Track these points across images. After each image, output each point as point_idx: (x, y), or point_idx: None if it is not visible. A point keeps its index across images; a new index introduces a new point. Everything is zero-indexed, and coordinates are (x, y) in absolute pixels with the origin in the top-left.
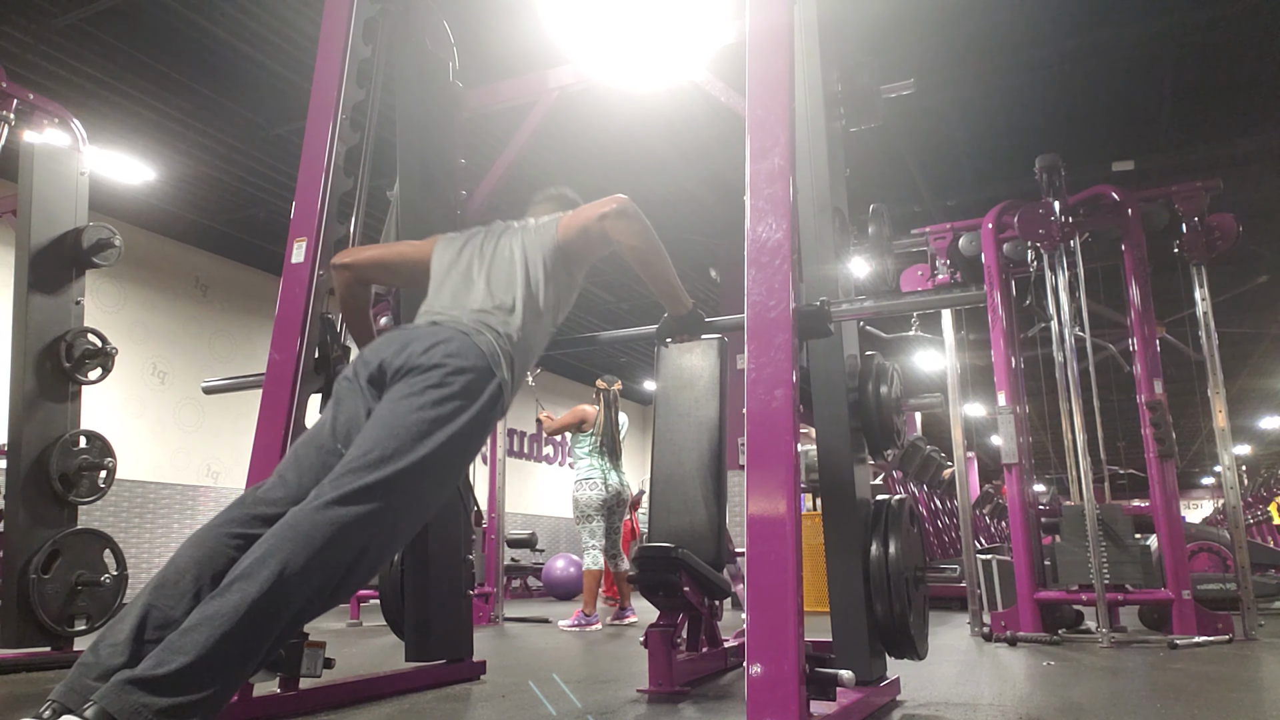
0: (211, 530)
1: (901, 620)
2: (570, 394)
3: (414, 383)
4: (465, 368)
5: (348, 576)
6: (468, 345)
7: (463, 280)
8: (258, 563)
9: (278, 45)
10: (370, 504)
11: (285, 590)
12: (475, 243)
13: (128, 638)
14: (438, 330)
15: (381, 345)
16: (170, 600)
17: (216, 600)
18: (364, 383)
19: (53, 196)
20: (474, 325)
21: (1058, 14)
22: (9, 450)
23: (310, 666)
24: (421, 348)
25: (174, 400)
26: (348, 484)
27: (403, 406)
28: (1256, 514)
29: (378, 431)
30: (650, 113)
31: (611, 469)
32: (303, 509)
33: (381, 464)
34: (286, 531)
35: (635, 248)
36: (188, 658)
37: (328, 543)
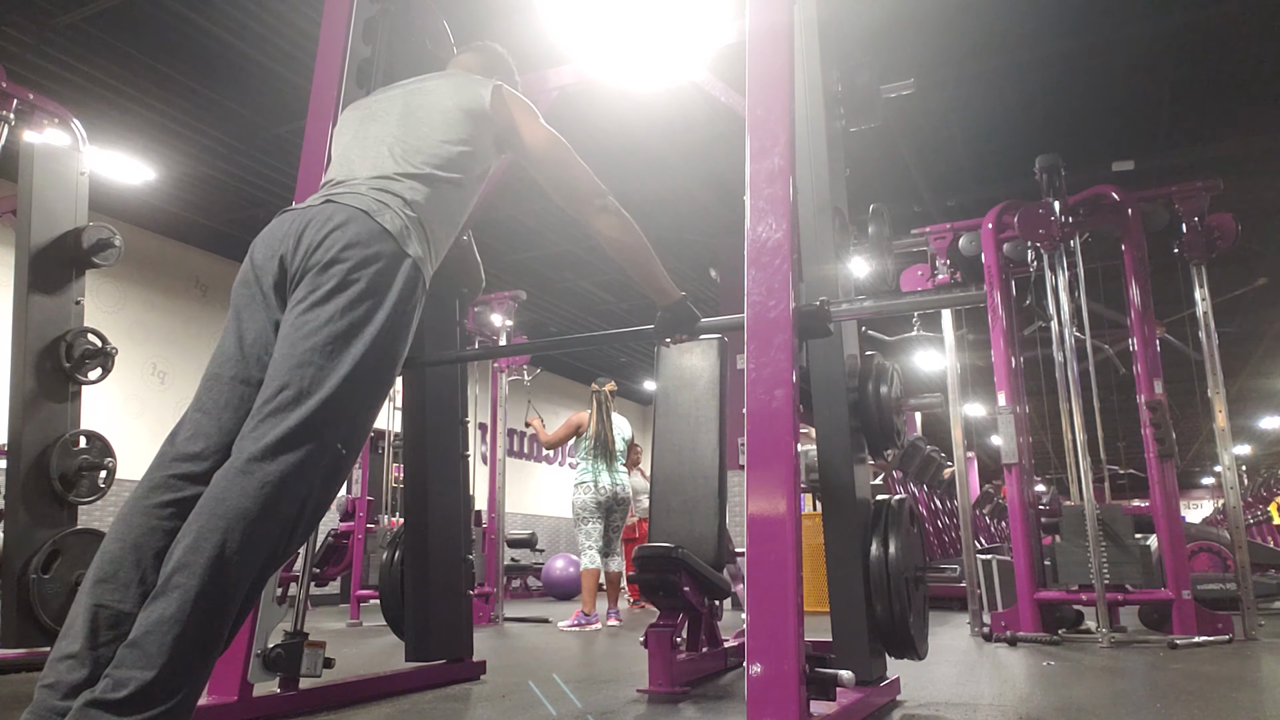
0: (138, 505)
1: (901, 620)
2: (570, 394)
3: (315, 284)
4: (368, 257)
5: (295, 529)
6: (367, 228)
7: (364, 141)
8: (191, 549)
9: (278, 45)
10: (299, 449)
11: (228, 572)
12: (382, 99)
13: (83, 646)
14: (332, 211)
15: (275, 233)
16: (115, 595)
17: (159, 602)
18: (269, 289)
19: (53, 196)
20: (374, 199)
21: (1058, 14)
22: (9, 450)
23: (310, 666)
24: (317, 237)
25: (174, 400)
26: (268, 432)
27: (307, 323)
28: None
29: (286, 360)
30: (650, 112)
31: (606, 470)
32: (227, 473)
33: (299, 399)
34: (215, 506)
35: (621, 242)
36: (145, 673)
37: (264, 508)
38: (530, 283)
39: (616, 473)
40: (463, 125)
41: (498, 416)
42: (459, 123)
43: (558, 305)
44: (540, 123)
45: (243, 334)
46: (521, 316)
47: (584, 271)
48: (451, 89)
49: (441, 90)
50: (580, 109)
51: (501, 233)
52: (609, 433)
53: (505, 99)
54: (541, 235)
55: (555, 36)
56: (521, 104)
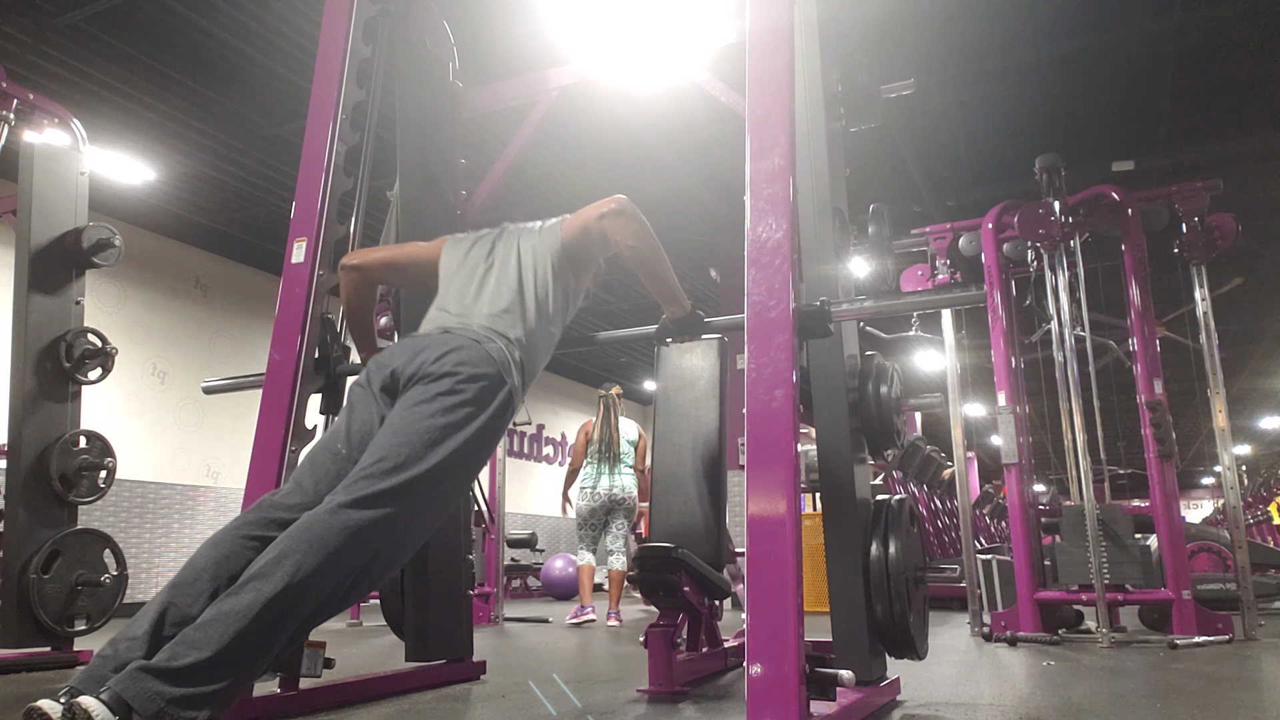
0: (229, 533)
1: (901, 620)
2: (570, 394)
3: (426, 390)
4: (476, 375)
5: (360, 579)
6: (479, 353)
7: (471, 284)
8: (272, 563)
9: (278, 45)
10: (383, 509)
11: (299, 590)
12: (483, 244)
13: (145, 633)
14: (449, 338)
15: (394, 352)
16: (188, 598)
17: (232, 598)
18: (377, 390)
19: (53, 196)
20: (484, 332)
21: (1058, 15)
22: (9, 450)
23: (310, 666)
24: (434, 355)
25: (174, 400)
26: (361, 490)
27: (415, 414)
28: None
29: (391, 438)
30: (650, 113)
31: (607, 474)
32: (317, 513)
33: (395, 471)
34: (301, 534)
35: (633, 247)
36: (202, 653)
37: (341, 546)
38: None
39: (618, 475)
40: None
41: None
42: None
43: None
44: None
45: (350, 422)
46: None
47: None
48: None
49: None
50: (580, 109)
51: None
52: (614, 435)
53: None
54: None
55: (555, 36)
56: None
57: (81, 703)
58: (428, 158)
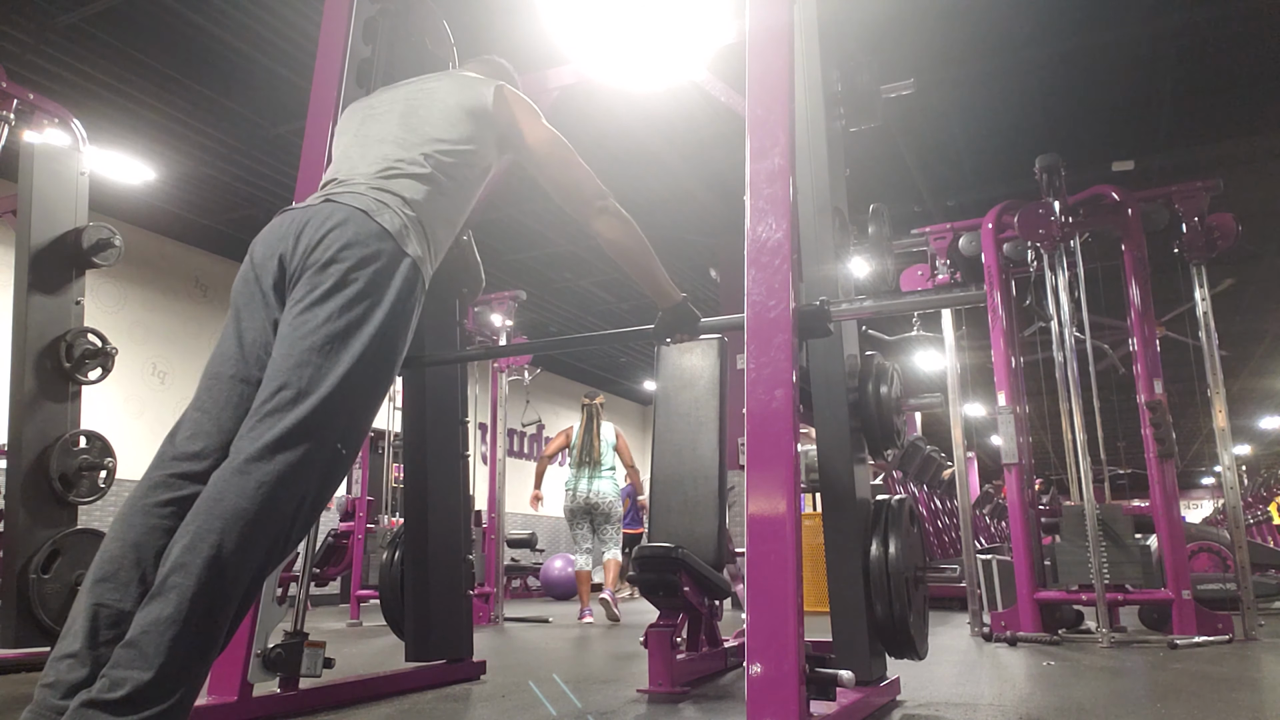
0: (137, 505)
1: (901, 620)
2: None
3: (314, 283)
4: (367, 256)
5: (292, 529)
6: (366, 228)
7: (364, 139)
8: (188, 549)
9: (278, 45)
10: (297, 448)
11: (225, 572)
12: (384, 98)
13: (83, 645)
14: (331, 210)
15: (277, 233)
16: (116, 594)
17: (156, 602)
18: (268, 288)
19: (53, 196)
20: (373, 198)
21: (1058, 14)
22: (9, 450)
23: (310, 666)
24: (315, 237)
25: (174, 400)
26: (266, 432)
27: (305, 323)
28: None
29: (284, 360)
30: (650, 112)
31: (585, 477)
32: (224, 473)
33: (297, 400)
34: (212, 506)
35: (621, 244)
36: (142, 673)
37: (261, 507)
38: (530, 283)
39: (595, 479)
40: (464, 124)
41: (498, 416)
42: (461, 121)
43: (558, 305)
44: (542, 123)
45: (242, 333)
46: (521, 316)
47: (584, 271)
48: (454, 88)
49: (443, 89)
50: (580, 109)
51: (501, 233)
52: (595, 441)
53: (508, 98)
54: (541, 235)
55: (555, 36)
56: (524, 103)
57: None
58: None
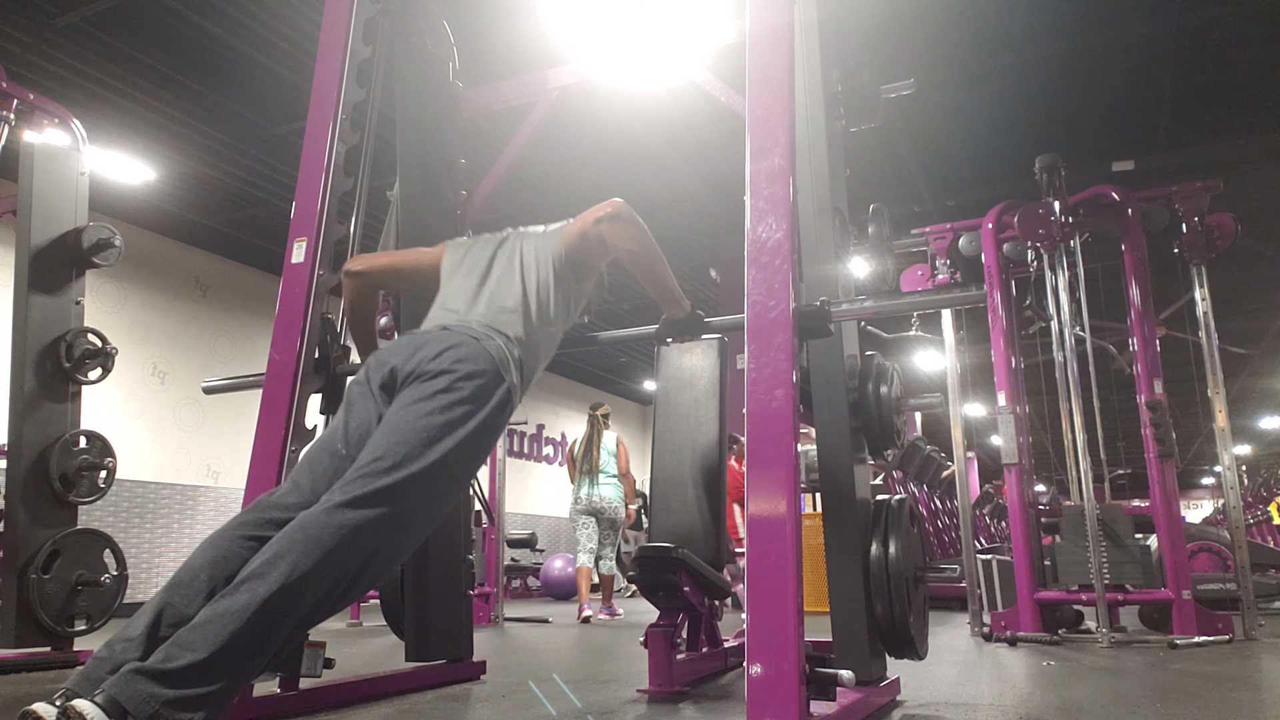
0: (226, 533)
1: (901, 620)
2: (570, 394)
3: (424, 388)
4: (474, 372)
5: (357, 579)
6: (477, 350)
7: (472, 284)
8: (268, 563)
9: (278, 45)
10: (379, 508)
11: (294, 590)
12: (485, 245)
13: (142, 634)
14: (447, 335)
15: (393, 350)
16: (184, 599)
17: (227, 599)
18: (376, 388)
19: (53, 196)
20: (483, 330)
21: (1058, 14)
22: (9, 450)
23: (310, 666)
24: (432, 353)
25: (174, 400)
26: (357, 489)
27: (412, 412)
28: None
29: (388, 436)
30: (650, 113)
31: (587, 484)
32: (313, 512)
33: (392, 470)
34: (297, 534)
35: (631, 251)
36: (196, 654)
37: (337, 545)
38: None
39: (597, 486)
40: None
41: None
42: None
43: None
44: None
45: (348, 421)
46: None
47: None
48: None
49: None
50: (580, 109)
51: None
52: (594, 451)
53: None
54: None
55: (555, 36)
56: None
57: (76, 705)
58: (428, 158)
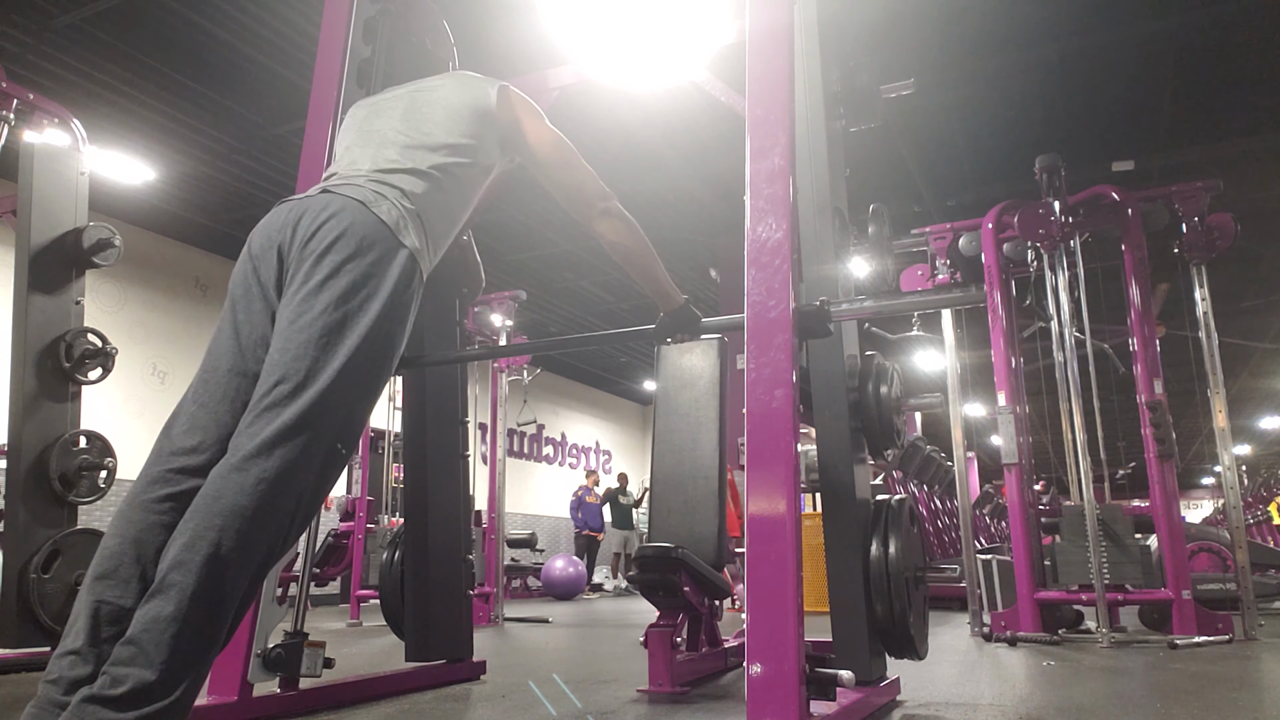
0: (136, 501)
1: (901, 620)
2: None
3: (308, 276)
4: (362, 247)
5: (291, 524)
6: (362, 218)
7: (365, 136)
8: (187, 547)
9: (278, 45)
10: (295, 444)
11: (225, 570)
12: (388, 96)
13: (85, 643)
14: (327, 201)
15: (272, 225)
16: (116, 591)
17: (156, 600)
18: (265, 281)
19: (53, 196)
20: (371, 190)
21: (1058, 14)
22: (9, 450)
23: (310, 666)
24: (310, 228)
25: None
26: (263, 428)
27: (301, 315)
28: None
29: (281, 354)
30: (650, 112)
31: None
32: (223, 470)
33: (295, 394)
34: (211, 504)
35: (624, 246)
36: (145, 673)
37: (260, 505)
38: (530, 283)
39: None
40: (467, 122)
41: (498, 416)
42: (463, 119)
43: (558, 305)
44: (545, 124)
45: (239, 326)
46: (521, 316)
47: (584, 271)
48: (457, 87)
49: (447, 88)
50: (580, 109)
51: (501, 233)
52: None
53: (511, 98)
54: (541, 235)
55: (555, 36)
56: (527, 104)
57: None
58: None
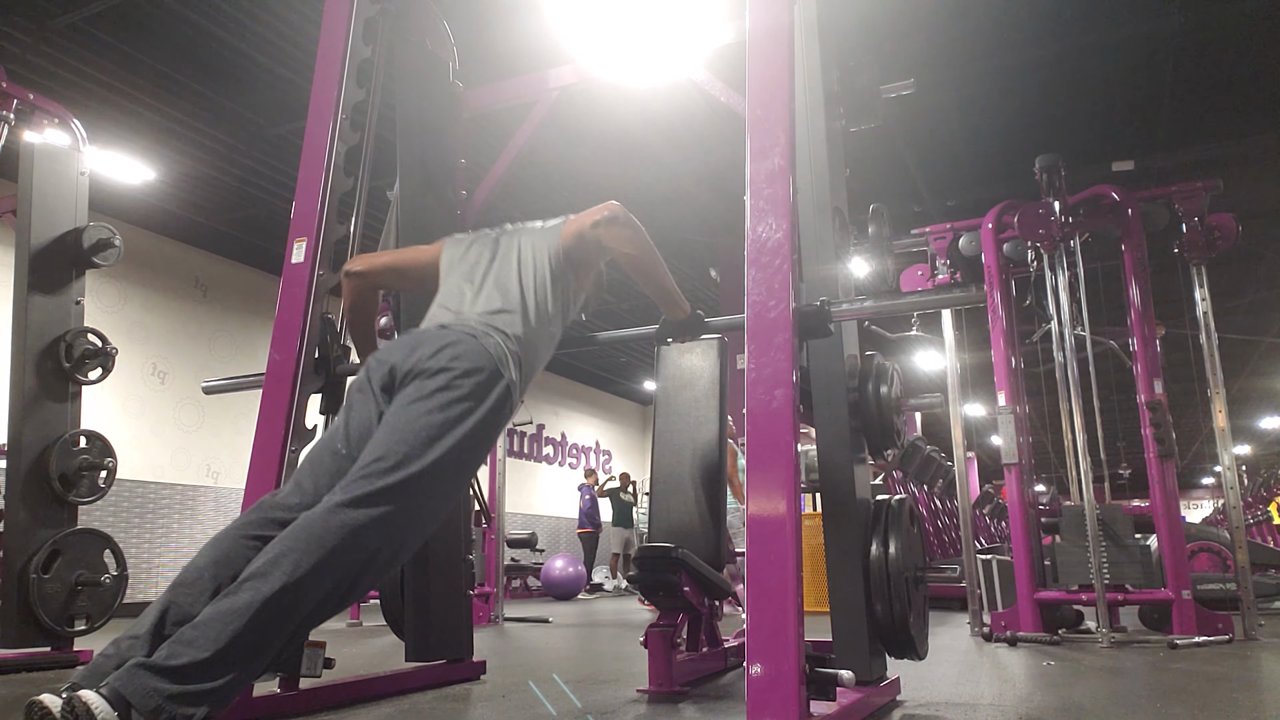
0: (229, 533)
1: (901, 620)
2: (570, 394)
3: (423, 386)
4: (472, 369)
5: (359, 578)
6: (475, 348)
7: (470, 282)
8: (270, 563)
9: (278, 45)
10: (381, 508)
11: (297, 589)
12: (483, 243)
13: (148, 631)
14: (445, 334)
15: (392, 349)
16: (189, 598)
17: (230, 598)
18: (376, 389)
19: (53, 196)
20: (481, 328)
21: (1058, 14)
22: (9, 450)
23: (310, 666)
24: (430, 351)
25: (174, 400)
26: (359, 489)
27: (412, 411)
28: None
29: (388, 436)
30: (650, 112)
31: None
32: (315, 512)
33: (393, 470)
34: (299, 533)
35: (629, 254)
36: (200, 652)
37: (339, 545)
38: None
39: None
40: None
41: None
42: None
43: None
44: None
45: (349, 420)
46: None
47: None
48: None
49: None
50: (580, 109)
51: None
52: None
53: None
54: None
55: (555, 36)
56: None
57: (81, 696)
58: (428, 158)
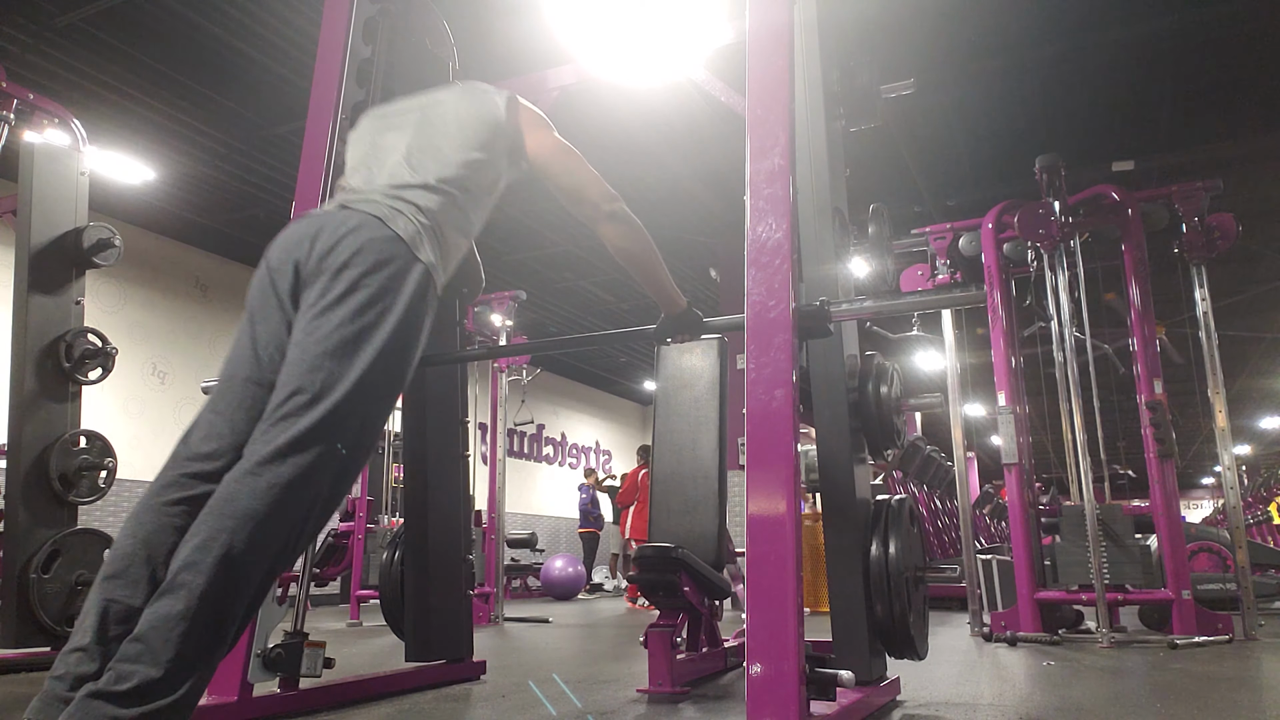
0: (149, 503)
1: (901, 620)
2: (570, 394)
3: (327, 290)
4: (380, 261)
5: (302, 532)
6: (380, 234)
7: (379, 150)
8: (199, 548)
9: (278, 45)
10: (309, 452)
11: (235, 572)
12: (399, 107)
13: (92, 640)
14: (346, 216)
15: (289, 239)
16: (126, 591)
17: (166, 599)
18: (284, 294)
19: (53, 196)
20: (388, 206)
21: (1058, 14)
22: (9, 450)
23: (310, 666)
24: (329, 242)
25: (174, 400)
26: (279, 436)
27: (321, 325)
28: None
29: (298, 365)
30: (650, 112)
31: None
32: (237, 475)
33: (311, 404)
34: (224, 507)
35: (628, 250)
36: (150, 670)
37: (271, 510)
38: (530, 283)
39: None
40: (477, 135)
41: (498, 416)
42: (474, 133)
43: (558, 305)
44: (549, 133)
45: (256, 336)
46: (521, 316)
47: (584, 271)
48: (468, 100)
49: (458, 101)
50: (580, 109)
51: (501, 233)
52: None
53: (518, 110)
54: (541, 235)
55: (555, 36)
56: (533, 114)
57: None
58: None
